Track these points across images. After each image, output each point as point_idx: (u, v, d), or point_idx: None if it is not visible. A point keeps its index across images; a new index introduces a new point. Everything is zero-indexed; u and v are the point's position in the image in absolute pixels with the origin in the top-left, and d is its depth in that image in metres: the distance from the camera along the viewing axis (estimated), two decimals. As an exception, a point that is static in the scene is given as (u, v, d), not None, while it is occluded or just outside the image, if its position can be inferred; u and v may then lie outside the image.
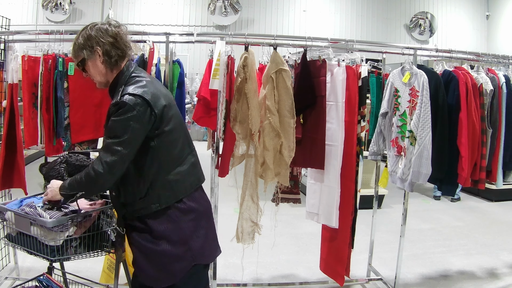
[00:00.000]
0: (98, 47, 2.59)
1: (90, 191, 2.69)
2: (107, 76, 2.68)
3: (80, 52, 2.63)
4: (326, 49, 3.95)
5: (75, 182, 2.58)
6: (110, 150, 2.47)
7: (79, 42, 2.61)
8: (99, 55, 2.61)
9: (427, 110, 3.79)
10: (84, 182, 2.53)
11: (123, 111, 2.47)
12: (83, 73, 2.72)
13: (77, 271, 3.78)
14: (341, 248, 4.12)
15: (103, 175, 2.46)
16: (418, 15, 13.29)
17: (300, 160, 3.94)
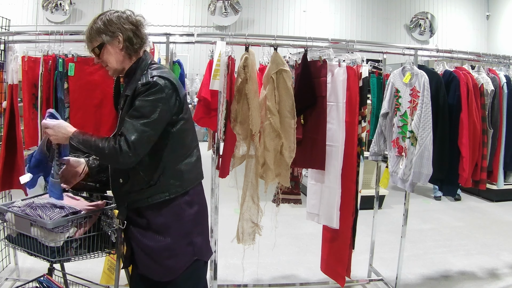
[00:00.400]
0: (120, 33, 2.57)
1: (105, 161, 2.72)
2: (123, 64, 2.65)
3: (98, 37, 2.58)
4: (327, 50, 3.94)
5: (92, 145, 2.53)
6: (136, 130, 2.44)
7: (97, 26, 2.57)
8: (119, 41, 2.59)
9: (428, 110, 3.79)
10: (104, 152, 2.47)
11: (154, 92, 2.49)
12: (95, 58, 2.67)
13: (77, 272, 3.77)
14: (342, 249, 4.11)
15: (127, 153, 2.43)
16: (418, 15, 13.29)
17: (300, 160, 3.93)
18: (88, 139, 2.55)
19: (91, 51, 2.64)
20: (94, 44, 2.60)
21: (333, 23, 12.91)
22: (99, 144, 2.48)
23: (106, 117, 3.95)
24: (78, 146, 2.57)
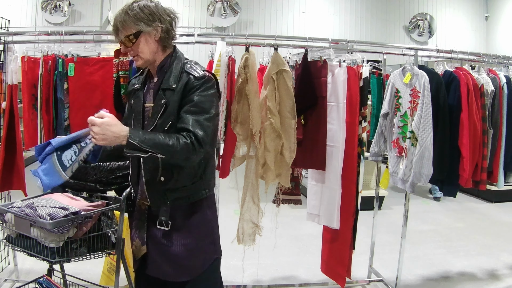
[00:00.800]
0: (159, 24, 2.51)
1: (175, 160, 2.46)
2: (156, 55, 2.58)
3: (134, 24, 2.46)
4: (327, 50, 3.94)
5: (160, 143, 2.35)
6: (202, 126, 2.41)
7: (135, 13, 2.45)
8: (157, 31, 2.52)
9: (428, 110, 3.79)
10: (176, 149, 2.35)
11: (209, 86, 2.50)
12: (123, 47, 2.54)
13: (77, 273, 3.76)
14: (342, 250, 4.11)
15: (200, 149, 2.40)
16: (417, 16, 13.28)
17: (301, 161, 3.93)
18: (153, 137, 2.35)
19: (123, 39, 2.49)
20: (128, 32, 2.47)
21: (332, 25, 12.90)
22: (168, 142, 2.35)
23: (106, 118, 3.94)
24: (139, 146, 2.32)
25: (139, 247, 2.72)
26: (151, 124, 2.53)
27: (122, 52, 2.65)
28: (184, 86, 2.48)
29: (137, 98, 2.69)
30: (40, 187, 2.67)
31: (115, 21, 2.48)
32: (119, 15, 2.47)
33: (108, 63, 3.90)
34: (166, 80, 2.54)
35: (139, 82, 2.72)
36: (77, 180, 3.16)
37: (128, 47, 2.50)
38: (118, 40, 2.53)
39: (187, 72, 2.53)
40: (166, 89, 2.52)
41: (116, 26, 2.48)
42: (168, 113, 2.49)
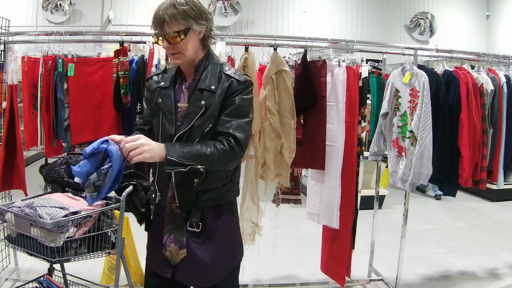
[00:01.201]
0: (206, 23, 2.45)
1: (215, 167, 2.43)
2: (197, 54, 2.50)
3: (183, 20, 2.35)
4: (327, 50, 3.94)
5: (197, 154, 2.32)
6: (243, 129, 2.41)
7: (185, 9, 2.35)
8: (201, 31, 2.45)
9: (427, 110, 3.79)
10: (214, 158, 2.33)
11: (249, 91, 2.49)
12: (164, 43, 2.40)
13: (77, 272, 3.77)
14: (342, 249, 4.12)
15: (239, 153, 2.40)
16: (418, 15, 13.27)
17: (300, 160, 3.94)
18: (190, 149, 2.31)
19: (171, 34, 2.36)
20: (176, 27, 2.35)
21: (332, 24, 12.89)
22: (206, 151, 2.32)
23: (106, 118, 3.96)
24: (179, 161, 2.29)
25: (176, 252, 2.62)
26: (186, 124, 2.46)
27: (164, 47, 2.44)
28: (227, 89, 2.45)
29: (166, 97, 2.57)
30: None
31: (161, 14, 2.34)
32: (166, 8, 2.34)
33: (108, 63, 3.91)
34: (204, 81, 2.48)
35: (167, 80, 2.61)
36: (77, 180, 3.17)
37: (172, 43, 2.39)
38: (161, 34, 2.38)
39: (228, 75, 2.50)
40: (203, 90, 2.46)
41: (163, 18, 2.33)
42: (208, 115, 2.44)
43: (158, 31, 2.38)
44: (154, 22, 2.38)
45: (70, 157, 3.27)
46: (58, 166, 3.21)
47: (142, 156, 2.23)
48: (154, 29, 2.40)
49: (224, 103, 2.45)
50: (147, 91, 2.70)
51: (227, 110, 2.43)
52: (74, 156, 3.27)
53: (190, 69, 2.54)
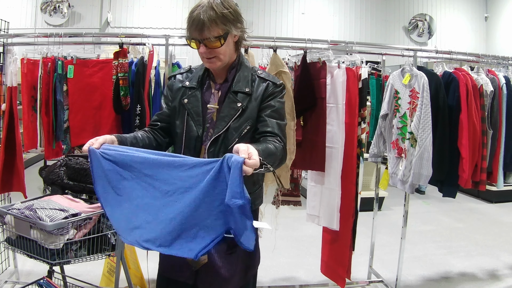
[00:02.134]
0: (241, 25, 2.44)
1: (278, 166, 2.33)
2: (231, 57, 2.48)
3: (224, 24, 2.30)
4: (326, 51, 3.94)
5: (272, 153, 2.21)
6: (283, 132, 2.42)
7: (224, 12, 2.29)
8: (236, 35, 2.42)
9: (427, 111, 3.79)
10: (278, 156, 2.27)
11: (284, 95, 2.53)
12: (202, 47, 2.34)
13: (77, 274, 3.77)
14: (342, 250, 4.11)
15: (286, 155, 2.41)
16: (417, 17, 13.27)
17: (300, 162, 3.93)
18: (261, 148, 2.10)
19: (212, 39, 2.30)
20: (216, 32, 2.30)
21: (331, 25, 12.89)
22: (271, 149, 2.22)
23: (106, 119, 3.95)
24: (262, 161, 1.97)
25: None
26: (221, 127, 2.42)
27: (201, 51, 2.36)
28: (263, 92, 2.46)
29: (193, 98, 2.52)
30: None
31: (201, 17, 2.26)
32: (205, 11, 2.26)
33: (108, 65, 3.91)
34: (238, 83, 2.47)
35: (193, 80, 2.57)
36: (77, 182, 3.17)
37: (210, 48, 2.34)
38: (200, 38, 2.32)
39: (263, 78, 2.51)
40: (238, 92, 2.44)
41: (202, 22, 2.26)
42: (245, 117, 2.42)
43: (197, 36, 2.32)
44: (191, 26, 2.30)
45: (69, 159, 3.28)
46: (57, 168, 3.22)
47: (249, 169, 1.90)
48: (190, 33, 2.34)
49: (262, 105, 2.45)
50: (167, 89, 2.65)
51: (268, 112, 2.43)
52: (73, 158, 3.27)
53: (222, 70, 2.52)
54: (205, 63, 2.46)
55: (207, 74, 2.57)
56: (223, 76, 2.53)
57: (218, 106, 2.47)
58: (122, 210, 2.18)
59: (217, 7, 2.28)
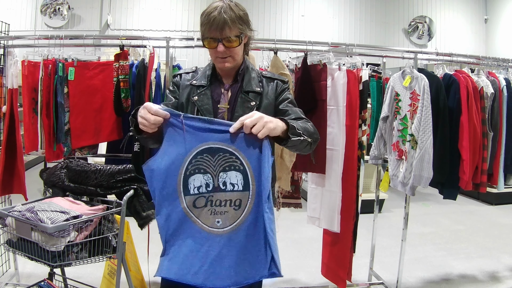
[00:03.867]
0: (251, 28, 2.51)
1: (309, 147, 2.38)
2: (240, 59, 2.53)
3: (241, 25, 2.37)
4: (327, 53, 3.95)
5: (310, 129, 2.36)
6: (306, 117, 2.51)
7: (241, 14, 2.38)
8: (248, 36, 2.51)
9: (428, 113, 3.79)
10: (313, 130, 2.40)
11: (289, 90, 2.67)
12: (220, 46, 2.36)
13: (77, 276, 3.76)
14: (342, 253, 4.11)
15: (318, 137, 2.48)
16: (417, 19, 13.29)
17: (301, 164, 3.94)
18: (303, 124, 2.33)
19: (232, 38, 2.36)
20: (235, 32, 2.36)
21: (331, 28, 12.90)
22: (305, 124, 2.37)
23: (106, 122, 3.95)
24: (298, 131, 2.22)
25: None
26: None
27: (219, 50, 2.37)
28: (275, 89, 2.56)
29: (203, 95, 2.53)
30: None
31: (223, 16, 2.30)
32: (225, 11, 2.32)
33: (108, 67, 3.91)
34: (248, 83, 2.52)
35: (201, 79, 2.58)
36: (78, 184, 3.17)
37: (228, 47, 2.38)
38: (221, 37, 2.35)
39: (270, 78, 2.60)
40: (249, 92, 2.50)
41: (224, 22, 2.31)
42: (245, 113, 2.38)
43: (217, 35, 2.34)
44: (212, 25, 2.32)
45: (70, 161, 3.28)
46: (58, 171, 3.22)
47: (267, 129, 2.07)
48: (208, 32, 2.36)
49: (277, 101, 2.55)
50: (173, 85, 2.65)
51: (285, 103, 2.54)
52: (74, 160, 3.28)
53: (231, 72, 2.55)
54: (218, 63, 2.46)
55: (215, 75, 2.59)
56: (232, 77, 2.56)
57: (229, 106, 2.49)
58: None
59: (235, 9, 2.35)
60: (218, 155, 2.14)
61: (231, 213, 2.16)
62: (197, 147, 2.15)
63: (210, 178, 2.16)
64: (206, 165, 2.16)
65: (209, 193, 2.16)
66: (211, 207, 2.16)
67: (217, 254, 2.16)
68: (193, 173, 2.16)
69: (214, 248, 2.16)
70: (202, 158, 2.15)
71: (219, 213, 2.17)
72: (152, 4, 12.32)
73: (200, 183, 2.16)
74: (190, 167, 2.16)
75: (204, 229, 2.17)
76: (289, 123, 2.19)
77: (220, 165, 2.15)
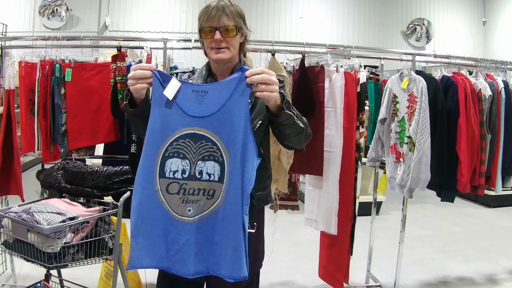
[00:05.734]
0: (247, 29, 2.52)
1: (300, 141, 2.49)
2: (236, 56, 2.52)
3: (238, 19, 2.40)
4: (324, 55, 3.94)
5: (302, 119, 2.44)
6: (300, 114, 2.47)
7: (237, 10, 2.41)
8: (243, 34, 2.50)
9: (426, 116, 3.78)
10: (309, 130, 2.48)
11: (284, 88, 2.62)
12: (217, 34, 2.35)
13: (74, 278, 3.76)
14: (340, 255, 4.10)
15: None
16: (415, 21, 13.30)
17: (298, 166, 3.93)
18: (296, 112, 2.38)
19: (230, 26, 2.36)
20: (232, 22, 2.37)
21: (329, 30, 12.91)
22: (298, 114, 2.41)
23: (104, 123, 3.94)
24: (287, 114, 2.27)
25: None
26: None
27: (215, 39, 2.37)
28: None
29: None
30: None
31: (219, 6, 2.35)
32: (225, 3, 2.38)
33: (106, 68, 3.90)
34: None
35: (198, 78, 2.58)
36: (74, 186, 3.16)
37: (225, 36, 2.37)
38: (218, 25, 2.35)
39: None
40: None
41: (222, 10, 2.34)
42: (256, 112, 2.45)
43: (215, 23, 2.35)
44: (209, 15, 2.34)
45: (67, 162, 3.27)
46: (55, 172, 3.21)
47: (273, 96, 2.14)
48: (206, 22, 2.37)
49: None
50: None
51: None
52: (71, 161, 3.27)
53: (226, 70, 2.53)
54: (214, 54, 2.44)
55: (211, 74, 2.58)
56: (225, 76, 2.50)
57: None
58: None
59: (233, 4, 2.40)
60: (201, 143, 2.15)
61: (203, 201, 2.17)
62: (181, 130, 2.16)
63: (188, 165, 2.17)
64: (186, 150, 2.17)
65: (184, 180, 2.16)
66: (184, 196, 2.17)
67: (185, 242, 2.17)
68: (172, 156, 2.17)
69: (182, 235, 2.17)
70: (184, 143, 2.16)
71: (191, 201, 2.17)
72: (150, 5, 12.33)
73: (176, 167, 2.17)
74: (171, 148, 2.17)
75: (174, 217, 2.18)
76: (285, 97, 2.25)
77: (200, 153, 2.16)
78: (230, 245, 2.15)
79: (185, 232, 2.17)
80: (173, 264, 2.18)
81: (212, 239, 2.18)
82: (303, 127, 2.38)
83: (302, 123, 2.37)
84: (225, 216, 2.15)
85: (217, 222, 2.17)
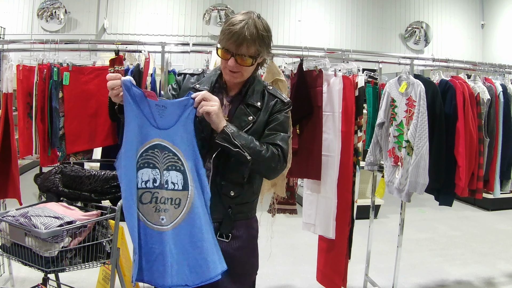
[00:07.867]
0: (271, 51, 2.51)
1: (260, 167, 2.41)
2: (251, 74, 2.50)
3: (260, 46, 2.33)
4: (323, 59, 3.94)
5: (251, 145, 2.32)
6: (286, 143, 2.46)
7: (264, 36, 2.33)
8: (264, 58, 2.48)
9: (424, 120, 3.78)
10: (264, 156, 2.35)
11: (289, 111, 2.57)
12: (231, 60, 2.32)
13: (72, 282, 3.75)
14: (338, 259, 4.10)
15: (284, 163, 2.45)
16: (413, 24, 13.32)
17: (296, 170, 3.92)
18: (246, 137, 2.33)
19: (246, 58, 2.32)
20: (252, 51, 2.32)
21: (328, 33, 12.92)
22: (258, 146, 2.34)
23: (101, 127, 3.94)
24: (231, 138, 2.28)
25: None
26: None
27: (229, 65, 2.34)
28: (272, 108, 2.49)
29: None
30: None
31: (244, 33, 2.26)
32: (249, 28, 2.27)
33: (103, 72, 3.89)
34: (250, 96, 2.48)
35: (205, 84, 2.54)
36: (72, 190, 3.16)
37: (240, 64, 2.33)
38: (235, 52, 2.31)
39: (273, 95, 2.52)
40: (250, 105, 2.46)
41: (243, 38, 2.26)
42: (253, 131, 2.43)
43: (233, 49, 2.30)
44: (231, 38, 2.28)
45: (65, 166, 3.26)
46: (53, 175, 3.20)
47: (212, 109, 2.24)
48: (225, 43, 2.32)
49: (268, 120, 2.48)
50: (176, 84, 2.63)
51: (271, 125, 2.47)
52: (69, 165, 3.26)
53: (238, 84, 2.52)
54: (226, 75, 2.44)
55: (220, 83, 2.55)
56: (237, 89, 2.53)
57: (228, 118, 2.45)
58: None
59: (259, 28, 2.30)
60: (165, 153, 2.26)
61: (171, 211, 2.24)
62: (150, 141, 2.25)
63: (158, 174, 2.25)
64: (156, 160, 2.25)
65: (155, 189, 2.24)
66: (156, 204, 2.23)
67: (160, 252, 2.20)
68: (143, 166, 2.24)
69: (157, 245, 2.21)
70: (153, 153, 2.25)
71: (163, 210, 2.23)
72: (149, 8, 12.33)
73: (148, 177, 2.24)
74: (141, 160, 2.24)
75: (148, 226, 2.23)
76: (226, 128, 2.28)
77: (165, 163, 2.25)
78: (202, 253, 2.22)
79: (161, 241, 2.21)
80: (152, 275, 2.22)
81: (185, 250, 2.22)
82: (250, 159, 2.31)
83: (251, 155, 2.31)
84: (195, 224, 2.23)
85: (188, 231, 2.23)
